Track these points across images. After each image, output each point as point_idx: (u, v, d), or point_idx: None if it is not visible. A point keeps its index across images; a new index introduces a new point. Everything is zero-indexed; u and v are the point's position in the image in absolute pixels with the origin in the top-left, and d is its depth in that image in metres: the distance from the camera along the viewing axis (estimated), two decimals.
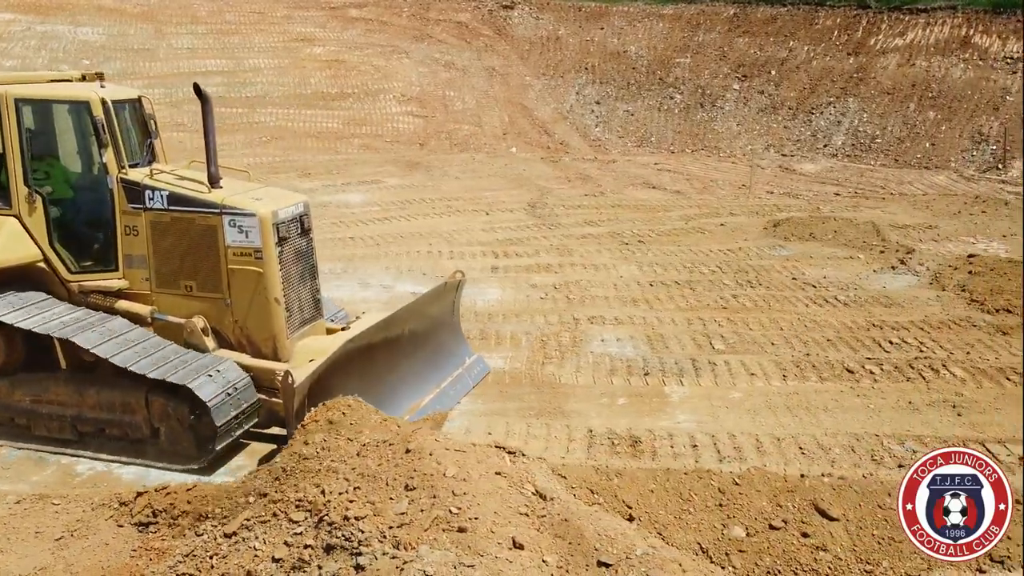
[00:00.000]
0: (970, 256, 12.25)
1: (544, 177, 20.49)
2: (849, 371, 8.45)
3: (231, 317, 7.00)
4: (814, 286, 11.46)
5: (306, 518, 4.83)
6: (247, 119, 24.91)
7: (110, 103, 7.01)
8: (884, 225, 14.62)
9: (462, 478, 4.97)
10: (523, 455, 5.32)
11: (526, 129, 26.08)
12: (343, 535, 4.46)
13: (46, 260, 7.10)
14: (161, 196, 6.94)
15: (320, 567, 4.30)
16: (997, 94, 23.27)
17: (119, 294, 7.20)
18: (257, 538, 4.90)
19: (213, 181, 6.97)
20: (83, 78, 7.75)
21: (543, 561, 4.27)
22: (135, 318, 7.05)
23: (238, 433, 6.56)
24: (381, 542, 4.31)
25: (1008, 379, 8.28)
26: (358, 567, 4.14)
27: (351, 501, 4.79)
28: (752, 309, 10.49)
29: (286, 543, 4.72)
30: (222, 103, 25.21)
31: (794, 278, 11.84)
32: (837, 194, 18.86)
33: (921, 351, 9.03)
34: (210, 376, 6.42)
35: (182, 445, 6.53)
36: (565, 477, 5.95)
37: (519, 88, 28.26)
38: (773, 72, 27.12)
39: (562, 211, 16.51)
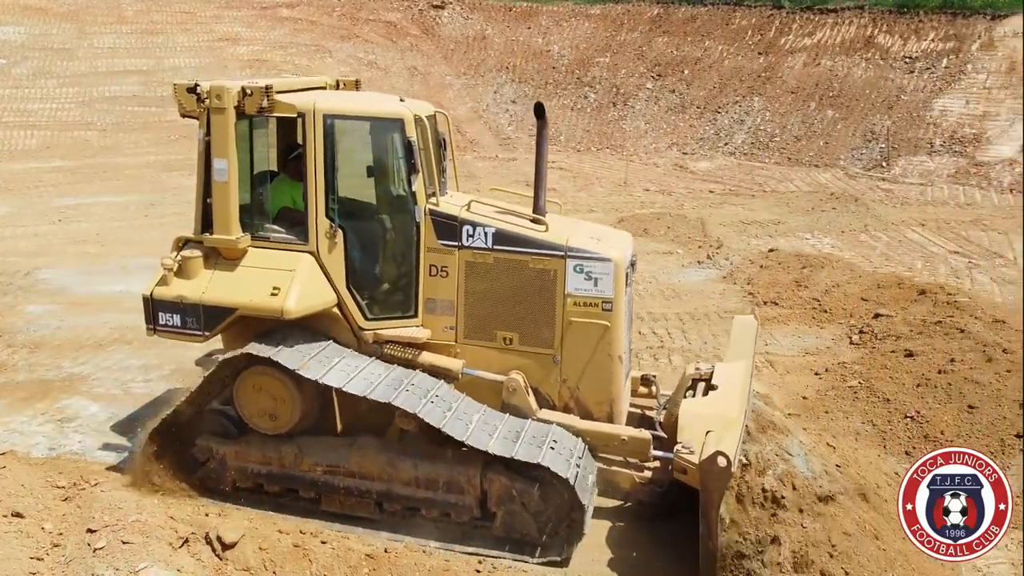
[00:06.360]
0: (770, 251, 12.59)
1: None
2: None
3: (559, 376, 6.02)
4: None
5: None
6: (159, 118, 25.15)
7: (424, 121, 6.05)
8: (718, 223, 14.98)
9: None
10: None
11: None
12: None
13: (339, 304, 6.00)
14: (484, 233, 5.93)
15: None
16: (893, 93, 23.58)
17: (422, 345, 6.10)
18: None
19: (540, 215, 6.13)
20: (337, 85, 6.84)
21: (41, 528, 4.61)
22: (442, 374, 5.99)
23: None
24: None
25: None
26: None
27: None
28: None
29: None
30: (137, 102, 25.61)
31: None
32: (711, 191, 19.20)
33: (662, 342, 9.38)
34: (569, 461, 5.43)
35: (520, 532, 5.61)
36: None
37: (438, 87, 28.54)
38: (686, 71, 27.44)
39: None
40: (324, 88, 6.62)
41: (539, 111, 6.09)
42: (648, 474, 5.89)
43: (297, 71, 28.39)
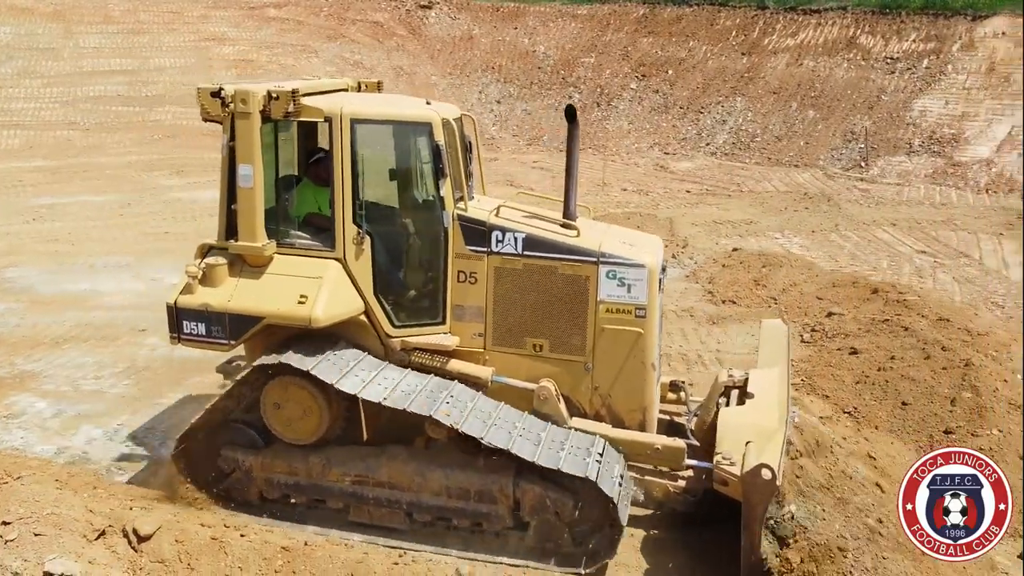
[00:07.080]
0: (734, 250, 12.67)
1: None
2: None
3: (590, 383, 5.95)
4: None
5: None
6: (143, 117, 25.29)
7: (452, 124, 5.98)
8: (690, 222, 15.05)
9: None
10: None
11: None
12: None
13: (367, 311, 5.90)
14: (514, 238, 5.82)
15: None
16: (874, 93, 23.67)
17: (451, 353, 6.02)
18: None
19: (571, 220, 6.02)
20: (359, 87, 6.80)
21: None
22: (472, 382, 5.89)
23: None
24: None
25: (669, 365, 8.70)
26: None
27: None
28: None
29: None
30: (121, 102, 25.70)
31: None
32: (688, 191, 19.28)
33: None
34: (608, 472, 5.39)
35: (554, 543, 5.54)
36: None
37: (423, 87, 28.60)
38: (670, 72, 27.53)
39: None
40: (347, 90, 6.51)
41: (570, 115, 5.88)
42: (682, 483, 5.83)
43: (282, 71, 28.50)
